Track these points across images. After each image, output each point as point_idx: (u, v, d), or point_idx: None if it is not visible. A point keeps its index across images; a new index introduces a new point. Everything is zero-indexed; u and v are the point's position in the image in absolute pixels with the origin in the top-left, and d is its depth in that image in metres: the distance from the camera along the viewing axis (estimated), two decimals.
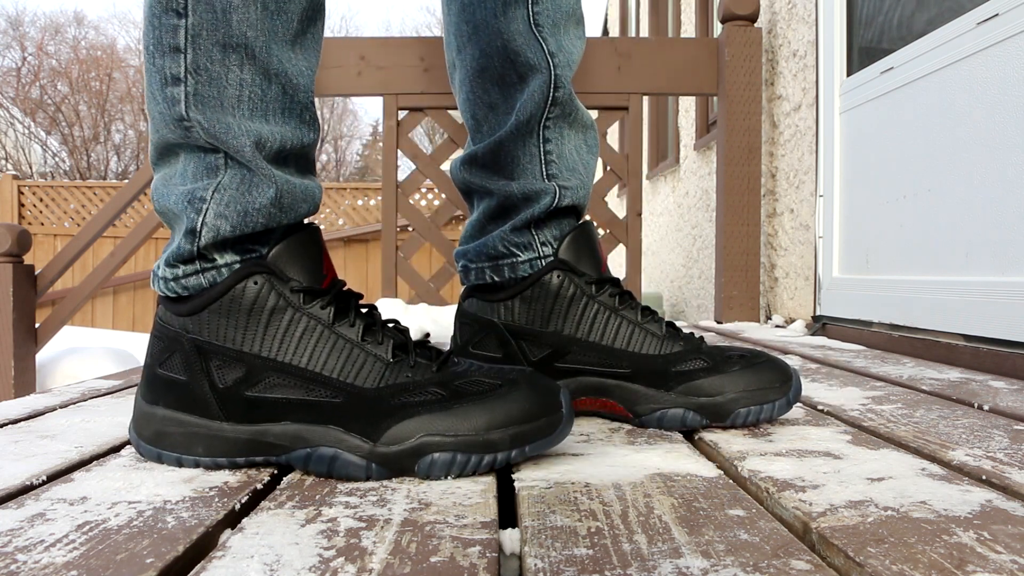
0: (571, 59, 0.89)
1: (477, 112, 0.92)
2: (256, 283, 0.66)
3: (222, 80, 0.67)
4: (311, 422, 0.64)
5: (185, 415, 0.67)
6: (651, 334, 0.83)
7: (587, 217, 0.91)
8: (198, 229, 0.67)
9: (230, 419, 0.66)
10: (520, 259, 0.88)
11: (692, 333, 0.85)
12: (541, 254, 0.87)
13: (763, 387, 0.79)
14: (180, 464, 0.67)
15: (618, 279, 0.87)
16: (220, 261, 0.68)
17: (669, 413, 0.80)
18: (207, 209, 0.67)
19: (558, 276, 0.85)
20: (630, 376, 0.82)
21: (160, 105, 0.68)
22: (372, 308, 0.71)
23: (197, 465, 0.66)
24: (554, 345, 0.85)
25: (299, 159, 0.72)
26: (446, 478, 0.62)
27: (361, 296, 0.71)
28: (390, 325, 0.70)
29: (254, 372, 0.65)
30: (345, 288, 0.70)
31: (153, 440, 0.68)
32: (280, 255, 0.67)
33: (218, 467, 0.66)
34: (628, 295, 0.86)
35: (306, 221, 0.72)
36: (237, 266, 0.68)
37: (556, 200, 0.87)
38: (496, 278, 0.89)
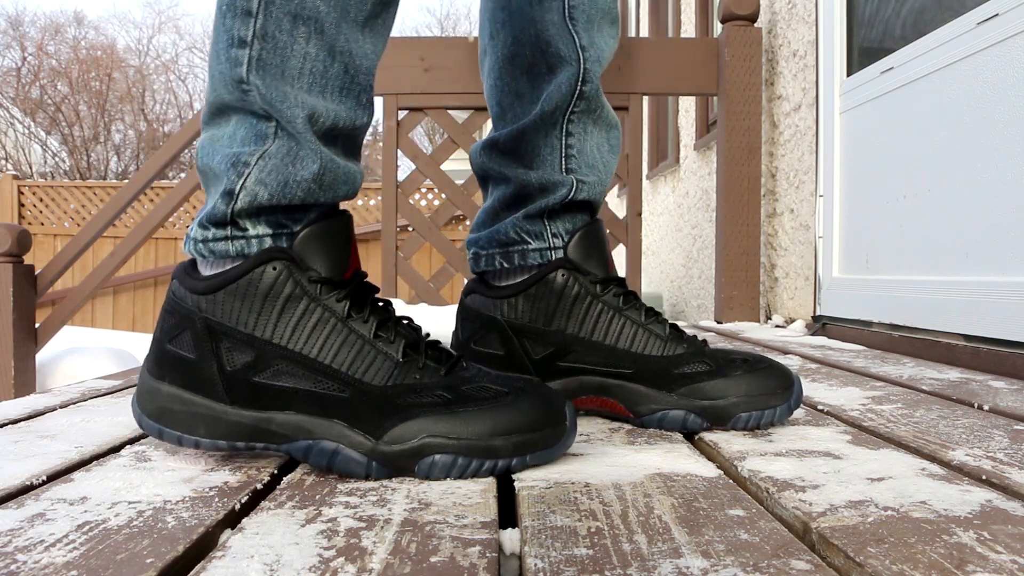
0: (602, 55, 0.89)
1: (503, 99, 0.92)
2: (275, 268, 0.66)
3: (287, 50, 0.67)
4: (316, 414, 0.64)
5: (190, 394, 0.67)
6: (655, 335, 0.83)
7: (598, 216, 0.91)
8: (236, 191, 0.67)
9: (235, 403, 0.66)
10: (531, 247, 0.88)
11: (695, 336, 0.85)
12: (552, 245, 0.87)
13: (765, 392, 0.79)
14: (180, 443, 0.67)
15: (623, 279, 0.87)
16: (251, 232, 0.68)
17: (670, 415, 0.80)
18: (249, 174, 0.67)
19: (563, 275, 0.85)
20: (632, 376, 0.82)
21: (222, 65, 0.68)
22: (388, 304, 0.71)
23: (197, 446, 0.66)
24: (557, 344, 0.85)
25: (348, 140, 0.73)
26: (445, 480, 0.63)
27: (378, 290, 0.71)
28: (404, 322, 0.70)
29: (263, 358, 0.65)
30: (365, 280, 0.70)
31: (156, 416, 0.68)
32: (306, 239, 0.67)
33: (218, 449, 0.66)
34: (632, 295, 0.86)
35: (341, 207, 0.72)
36: (268, 241, 0.68)
37: (572, 193, 0.87)
38: (505, 264, 0.89)
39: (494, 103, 0.94)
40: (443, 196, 2.73)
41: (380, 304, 0.70)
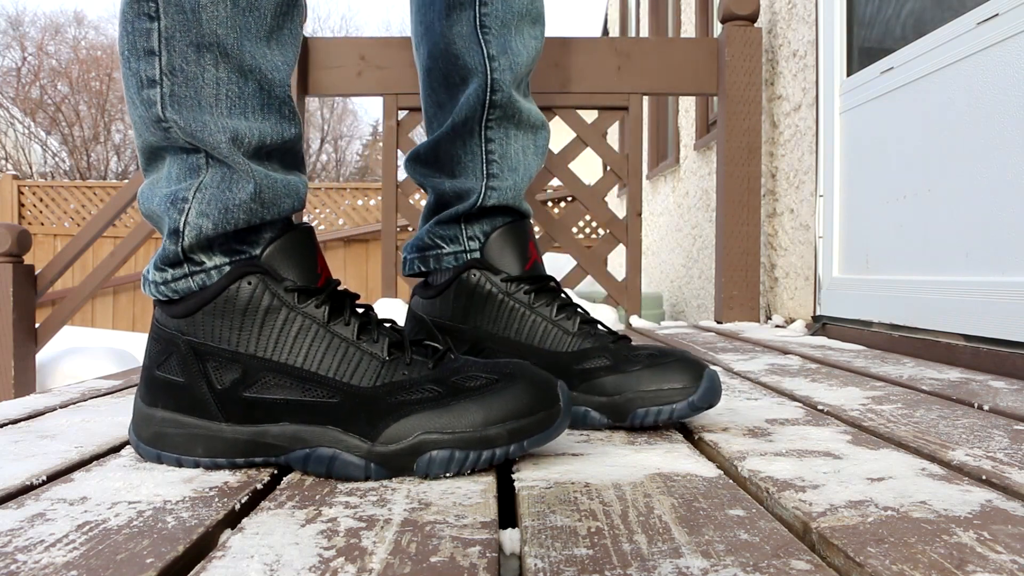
0: (517, 60, 0.90)
1: (428, 110, 0.96)
2: (250, 283, 0.66)
3: (198, 80, 0.67)
4: (309, 422, 0.64)
5: (184, 416, 0.67)
6: (562, 331, 0.85)
7: (529, 212, 0.94)
8: (181, 229, 0.67)
9: (229, 420, 0.66)
10: (444, 251, 0.91)
11: (609, 331, 0.85)
12: (468, 248, 0.90)
13: (664, 388, 0.78)
14: (180, 465, 0.67)
15: (541, 275, 0.88)
16: (208, 264, 0.68)
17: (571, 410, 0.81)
18: (189, 208, 0.67)
19: (475, 274, 0.88)
20: None
21: (139, 109, 0.68)
22: (367, 307, 0.71)
23: (197, 466, 0.66)
24: (472, 340, 0.87)
25: (283, 155, 0.72)
26: (445, 476, 0.63)
27: (357, 296, 0.71)
28: (386, 324, 0.70)
29: (251, 373, 0.65)
30: (340, 288, 0.71)
31: (152, 442, 0.68)
32: (273, 255, 0.67)
33: (217, 468, 0.66)
34: (547, 292, 0.87)
35: (303, 221, 0.73)
36: (227, 268, 0.68)
37: (480, 199, 0.90)
38: (423, 268, 0.93)
39: (423, 113, 0.98)
40: None
41: (360, 309, 0.70)
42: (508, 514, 0.57)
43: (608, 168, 2.43)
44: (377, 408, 0.64)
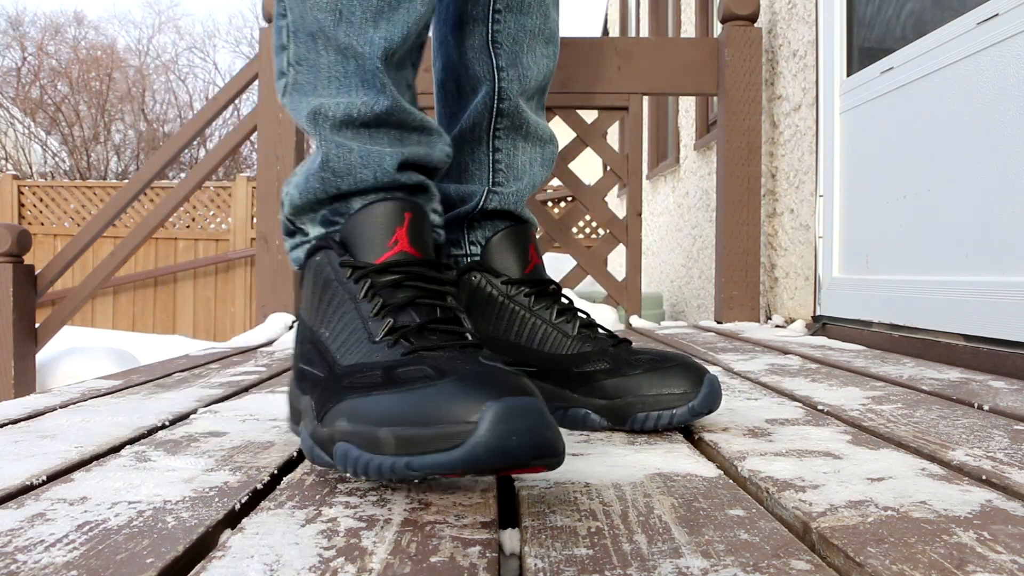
0: (527, 74, 0.92)
1: (442, 121, 0.99)
2: (317, 259, 0.69)
3: (317, 66, 0.72)
4: (311, 395, 0.65)
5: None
6: (562, 334, 0.85)
7: (532, 219, 0.95)
8: (283, 200, 0.76)
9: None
10: None
11: (610, 334, 0.85)
12: (469, 252, 0.91)
13: (664, 393, 0.78)
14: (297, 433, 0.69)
15: (541, 279, 0.88)
16: (312, 233, 0.74)
17: (570, 412, 0.82)
18: (290, 181, 0.76)
19: (475, 277, 0.88)
20: (539, 374, 0.84)
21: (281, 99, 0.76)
22: (413, 286, 0.65)
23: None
24: None
25: (377, 125, 0.73)
26: (355, 474, 0.55)
27: (423, 275, 0.66)
28: (420, 301, 0.64)
29: (303, 342, 0.69)
30: (411, 265, 0.66)
31: (296, 419, 0.71)
32: (350, 226, 0.69)
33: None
34: (548, 295, 0.87)
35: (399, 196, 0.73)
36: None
37: (481, 202, 0.91)
38: None
39: (440, 123, 1.01)
40: None
41: (404, 285, 0.65)
42: (508, 514, 0.57)
43: (608, 168, 2.43)
44: (333, 387, 0.61)
